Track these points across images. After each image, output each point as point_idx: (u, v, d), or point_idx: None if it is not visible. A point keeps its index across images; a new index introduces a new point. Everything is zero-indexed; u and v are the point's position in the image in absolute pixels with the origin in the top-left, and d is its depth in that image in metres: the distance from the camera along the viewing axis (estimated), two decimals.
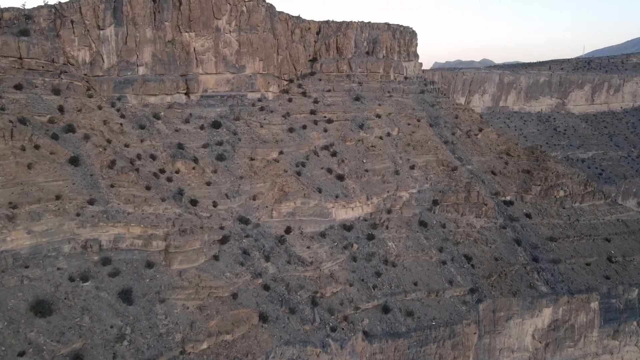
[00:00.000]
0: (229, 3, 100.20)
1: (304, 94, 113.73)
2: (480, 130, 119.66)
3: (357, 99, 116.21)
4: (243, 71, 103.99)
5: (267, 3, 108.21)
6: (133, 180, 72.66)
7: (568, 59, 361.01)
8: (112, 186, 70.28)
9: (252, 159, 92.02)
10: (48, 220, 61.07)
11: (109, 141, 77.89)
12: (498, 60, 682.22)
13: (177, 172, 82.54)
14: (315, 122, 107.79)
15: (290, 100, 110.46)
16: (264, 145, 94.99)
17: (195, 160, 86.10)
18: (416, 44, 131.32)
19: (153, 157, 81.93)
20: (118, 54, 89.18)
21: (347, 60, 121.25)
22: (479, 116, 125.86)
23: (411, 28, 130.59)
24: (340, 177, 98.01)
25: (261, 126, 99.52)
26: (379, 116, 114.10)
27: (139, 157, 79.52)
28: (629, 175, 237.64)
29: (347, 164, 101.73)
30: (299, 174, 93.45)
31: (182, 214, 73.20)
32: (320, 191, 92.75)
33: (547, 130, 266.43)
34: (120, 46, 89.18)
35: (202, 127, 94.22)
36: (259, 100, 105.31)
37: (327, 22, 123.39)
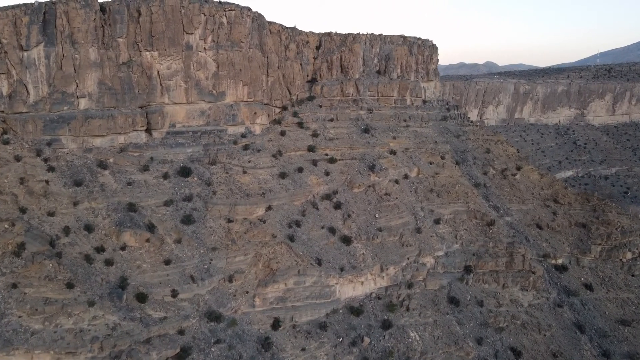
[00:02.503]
0: (204, 13, 77.70)
1: (300, 124, 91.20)
2: (519, 168, 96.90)
3: (366, 130, 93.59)
4: (222, 99, 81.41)
5: (254, 12, 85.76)
6: (49, 275, 50.31)
7: (587, 67, 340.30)
8: (13, 287, 47.89)
9: (229, 221, 69.47)
10: None
11: (23, 210, 55.64)
12: (502, 63, 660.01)
13: (123, 248, 59.98)
14: (314, 163, 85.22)
15: (282, 133, 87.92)
16: (247, 200, 72.37)
17: (151, 227, 63.57)
18: (437, 61, 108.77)
19: (89, 228, 59.44)
20: (50, 83, 66.70)
21: (354, 82, 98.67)
22: (515, 150, 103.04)
23: (431, 41, 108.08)
24: (347, 240, 75.42)
25: (244, 172, 76.96)
26: (393, 153, 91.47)
27: (66, 231, 57.01)
28: None
29: (355, 220, 79.14)
30: (291, 238, 70.85)
31: (119, 323, 50.63)
32: (320, 262, 70.19)
33: (567, 144, 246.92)
34: (52, 72, 66.69)
35: (165, 176, 71.69)
36: (243, 136, 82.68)
37: (329, 34, 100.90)
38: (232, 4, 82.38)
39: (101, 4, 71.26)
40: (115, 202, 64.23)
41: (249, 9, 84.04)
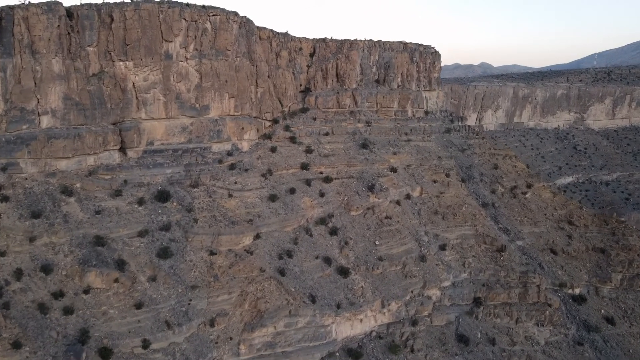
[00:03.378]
0: (185, 18, 69.86)
1: (292, 139, 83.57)
2: (529, 186, 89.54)
3: (364, 145, 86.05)
4: (206, 113, 73.59)
5: (242, 17, 78.03)
6: None
7: (586, 70, 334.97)
8: None
9: (212, 253, 61.71)
10: None
11: None
12: (497, 64, 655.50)
13: (87, 291, 52.04)
14: (308, 182, 77.62)
15: (273, 150, 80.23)
16: (232, 229, 64.58)
17: (122, 264, 55.68)
18: (439, 68, 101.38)
19: (47, 269, 51.43)
20: (6, 99, 58.52)
21: (351, 92, 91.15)
22: (524, 166, 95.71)
23: (433, 48, 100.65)
24: (344, 271, 67.77)
25: (230, 195, 69.22)
26: (394, 170, 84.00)
27: (18, 274, 49.04)
28: None
29: (353, 248, 71.54)
30: (282, 272, 63.11)
31: None
32: (314, 299, 62.47)
33: (567, 149, 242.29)
34: (9, 87, 58.56)
35: (140, 202, 63.81)
36: (229, 154, 74.90)
37: (323, 40, 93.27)
38: (217, 8, 74.57)
39: (67, 9, 63.13)
40: (81, 236, 56.25)
41: (236, 14, 76.31)
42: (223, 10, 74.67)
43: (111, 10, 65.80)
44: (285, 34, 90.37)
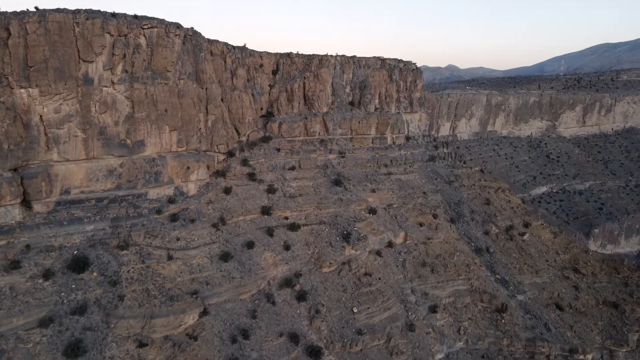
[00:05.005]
0: (110, 32, 54.67)
1: (251, 176, 69.40)
2: (526, 225, 77.91)
3: (337, 181, 72.62)
4: (140, 151, 58.53)
5: (187, 29, 63.38)
6: None
7: (557, 76, 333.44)
8: None
9: (142, 344, 46.86)
10: None
11: None
12: (463, 66, 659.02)
13: None
14: (270, 232, 63.63)
15: (228, 191, 65.84)
16: (170, 307, 49.86)
17: None
18: (421, 87, 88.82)
19: None
20: None
21: (321, 117, 77.66)
22: (519, 200, 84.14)
23: (414, 64, 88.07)
24: (315, 352, 53.97)
25: (169, 257, 54.46)
26: (373, 211, 70.86)
27: None
28: (631, 210, 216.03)
29: (326, 318, 57.82)
30: None
31: None
32: None
33: (540, 158, 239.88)
34: None
35: (46, 275, 48.42)
36: (171, 201, 60.05)
37: (288, 55, 79.37)
38: (154, 19, 59.70)
39: None
40: None
41: (178, 26, 61.50)
42: (161, 21, 59.81)
43: (8, 23, 50.12)
44: (243, 48, 76.14)
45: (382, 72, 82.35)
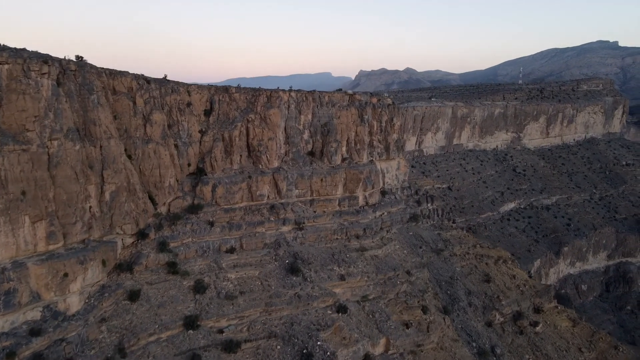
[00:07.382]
0: None
1: (172, 267, 48.70)
2: (538, 310, 60.80)
3: (293, 268, 52.84)
4: None
5: (66, 61, 42.05)
6: None
7: (520, 87, 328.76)
8: None
9: None
10: None
11: None
12: (421, 69, 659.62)
13: None
14: (196, 358, 43.03)
15: (133, 296, 44.83)
16: None
17: None
18: (399, 127, 70.41)
19: None
20: None
21: (271, 175, 57.66)
22: (526, 275, 67.07)
23: (389, 98, 69.54)
24: None
25: None
26: (342, 309, 51.55)
27: None
28: (598, 225, 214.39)
29: None
30: None
31: None
32: None
33: (507, 172, 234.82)
34: None
35: None
36: (34, 332, 38.43)
37: (226, 90, 58.85)
38: (7, 48, 38.26)
39: None
40: None
41: (48, 58, 40.12)
42: (17, 52, 38.38)
43: None
44: (163, 81, 55.26)
45: (350, 110, 63.21)
